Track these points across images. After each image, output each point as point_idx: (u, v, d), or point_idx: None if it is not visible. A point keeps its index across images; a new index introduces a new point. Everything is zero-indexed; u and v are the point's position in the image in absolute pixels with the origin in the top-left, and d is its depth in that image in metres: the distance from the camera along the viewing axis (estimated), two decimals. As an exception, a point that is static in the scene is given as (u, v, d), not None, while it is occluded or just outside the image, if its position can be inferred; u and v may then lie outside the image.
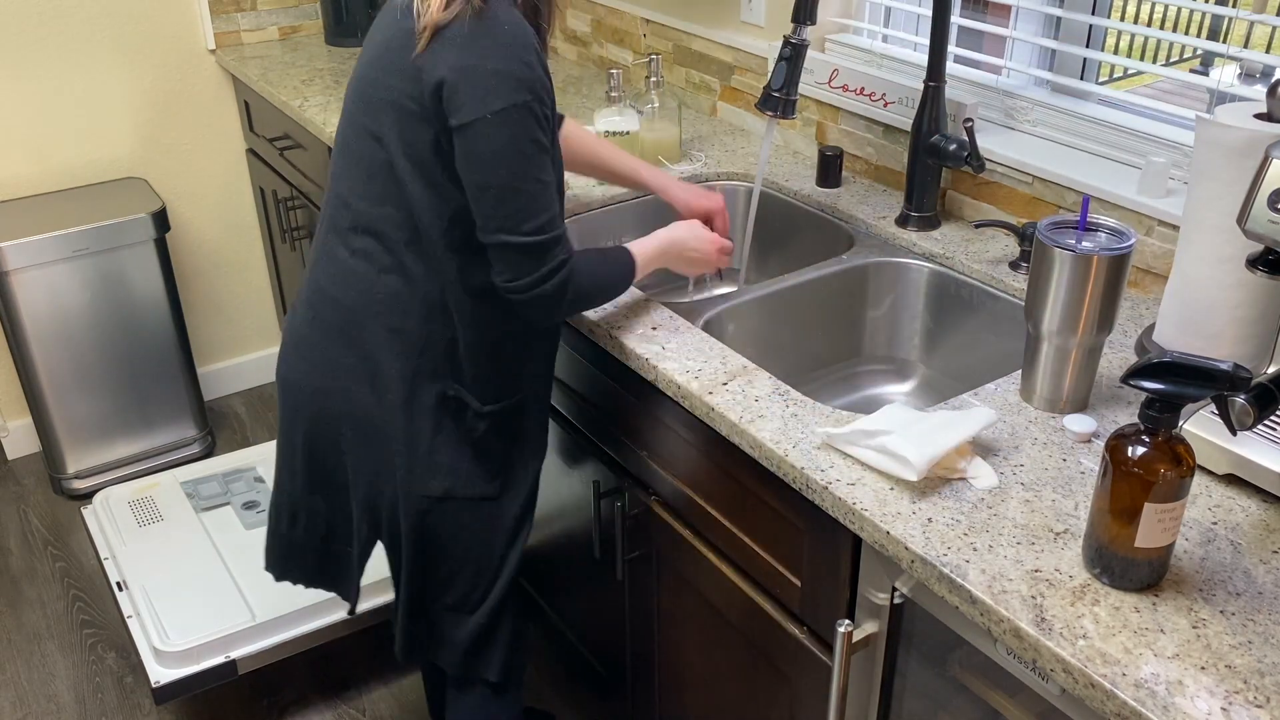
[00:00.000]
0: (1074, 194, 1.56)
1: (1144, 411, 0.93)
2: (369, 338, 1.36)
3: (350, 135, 1.34)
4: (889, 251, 1.68)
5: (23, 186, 2.66)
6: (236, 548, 2.15)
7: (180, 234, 2.88)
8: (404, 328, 1.34)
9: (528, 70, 1.22)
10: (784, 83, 1.56)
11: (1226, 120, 1.11)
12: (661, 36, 2.30)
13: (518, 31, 1.23)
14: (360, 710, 2.12)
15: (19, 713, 2.13)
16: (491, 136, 1.21)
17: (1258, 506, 1.08)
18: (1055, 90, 1.70)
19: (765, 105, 1.59)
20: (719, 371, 1.33)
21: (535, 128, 1.23)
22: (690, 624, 1.55)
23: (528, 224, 1.25)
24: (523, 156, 1.23)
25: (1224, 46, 1.42)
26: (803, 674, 1.32)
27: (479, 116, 1.21)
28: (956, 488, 1.11)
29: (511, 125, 1.21)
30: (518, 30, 1.23)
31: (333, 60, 2.67)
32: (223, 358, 3.09)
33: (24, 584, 2.46)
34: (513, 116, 1.21)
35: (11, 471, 2.84)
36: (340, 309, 1.37)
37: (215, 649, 1.91)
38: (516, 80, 1.21)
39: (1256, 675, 0.89)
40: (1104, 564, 0.98)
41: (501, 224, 1.25)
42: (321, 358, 1.40)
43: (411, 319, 1.34)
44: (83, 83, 2.63)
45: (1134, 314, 1.45)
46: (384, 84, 1.28)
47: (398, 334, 1.35)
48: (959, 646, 1.09)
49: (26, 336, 2.50)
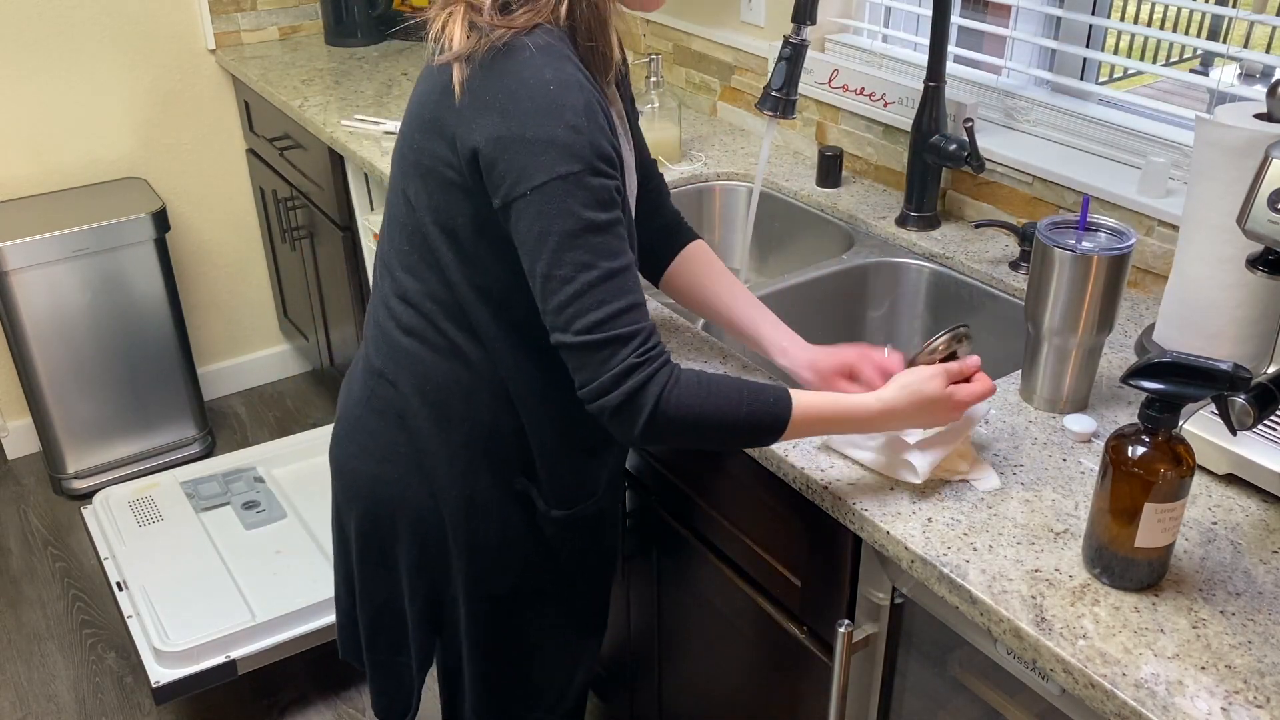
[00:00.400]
0: (1074, 194, 1.56)
1: (1144, 411, 0.93)
2: (424, 427, 1.20)
3: (392, 197, 1.19)
4: (889, 251, 1.68)
5: (23, 186, 2.66)
6: (236, 548, 2.15)
7: (180, 234, 2.88)
8: (464, 417, 1.19)
9: (573, 135, 1.01)
10: (784, 83, 1.54)
11: (1227, 120, 1.11)
12: (661, 36, 2.30)
13: (561, 80, 1.02)
14: (360, 710, 2.12)
15: (19, 713, 2.13)
16: (532, 217, 1.02)
17: (1258, 506, 1.08)
18: (1055, 90, 1.70)
19: (765, 105, 1.57)
20: (719, 371, 1.33)
21: (588, 203, 1.02)
22: (690, 624, 1.55)
23: (581, 320, 1.02)
24: (569, 239, 1.01)
25: (1224, 46, 1.42)
26: (803, 674, 1.32)
27: (519, 195, 1.02)
28: (956, 488, 1.11)
29: (554, 202, 1.01)
30: (561, 79, 1.02)
31: (333, 60, 2.67)
32: (223, 358, 3.09)
33: (24, 584, 2.46)
34: (556, 192, 1.01)
35: (11, 471, 2.84)
36: (396, 392, 1.21)
37: (215, 649, 1.91)
38: (560, 148, 1.00)
39: (1256, 675, 0.89)
40: (1104, 564, 0.98)
41: (554, 320, 1.04)
42: (377, 443, 1.24)
43: (471, 408, 1.18)
44: (83, 82, 2.63)
45: (1134, 314, 1.45)
46: (416, 144, 1.11)
47: (458, 424, 1.19)
48: (959, 646, 1.09)
49: (26, 336, 2.50)
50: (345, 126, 2.21)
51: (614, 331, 1.03)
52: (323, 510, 2.25)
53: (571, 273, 1.02)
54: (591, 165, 1.02)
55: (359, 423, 1.26)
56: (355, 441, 1.27)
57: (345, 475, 1.30)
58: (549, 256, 1.02)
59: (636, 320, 1.04)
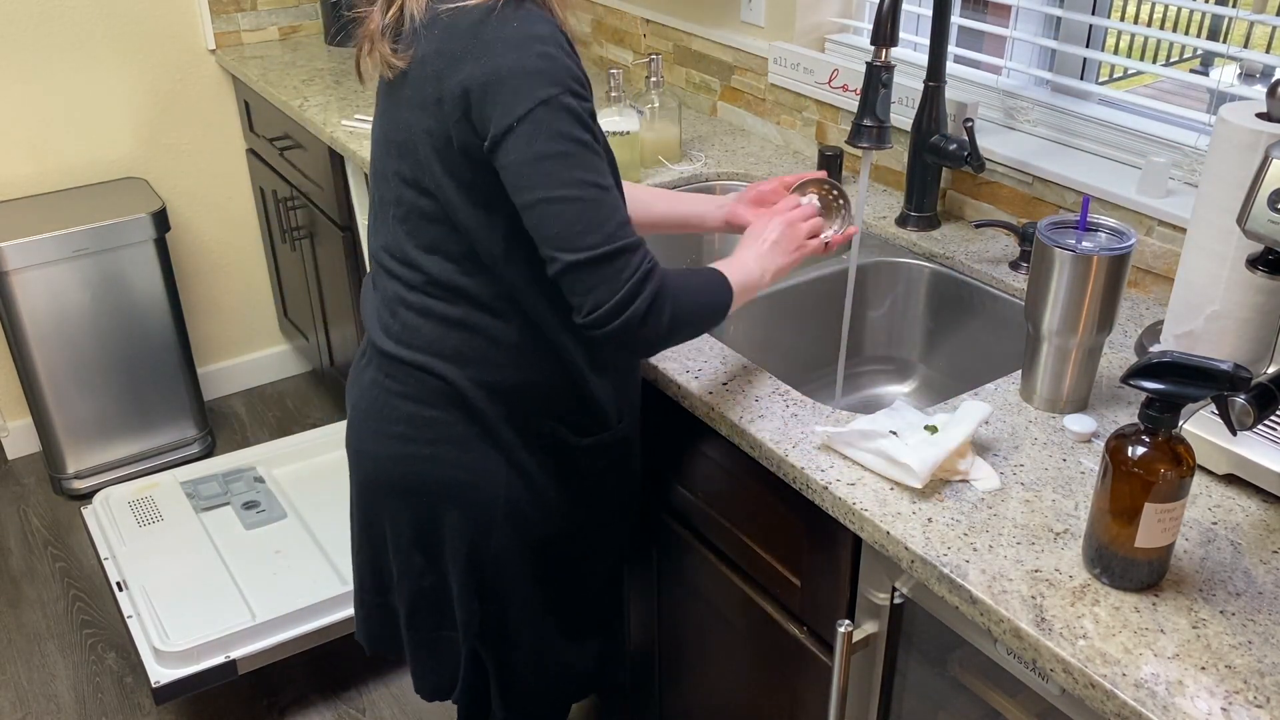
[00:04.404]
0: (1074, 194, 1.56)
1: (1144, 411, 0.93)
2: (451, 394, 1.23)
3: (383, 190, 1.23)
4: (889, 251, 1.68)
5: (23, 186, 2.66)
6: (236, 548, 2.15)
7: (180, 234, 2.88)
8: (485, 379, 1.22)
9: (546, 61, 1.06)
10: (875, 111, 1.44)
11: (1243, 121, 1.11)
12: (661, 36, 2.30)
13: (524, 17, 1.08)
14: (360, 710, 2.12)
15: (19, 713, 2.13)
16: (522, 147, 1.05)
17: (1258, 506, 1.08)
18: (1055, 90, 1.70)
19: (860, 139, 1.45)
20: (719, 371, 1.33)
21: (573, 124, 1.05)
22: (690, 624, 1.55)
23: (590, 236, 1.05)
24: (564, 159, 1.05)
25: (1224, 46, 1.42)
26: (803, 674, 1.32)
27: (506, 129, 1.05)
28: (957, 488, 1.11)
29: (541, 127, 1.04)
30: (524, 16, 1.08)
31: (333, 60, 2.67)
32: (223, 358, 3.09)
33: (24, 584, 2.46)
34: (541, 118, 1.04)
35: (11, 471, 2.84)
36: (412, 369, 1.23)
37: (215, 649, 1.91)
38: (535, 75, 1.05)
39: (1256, 675, 0.89)
40: (1104, 564, 0.98)
41: (559, 243, 1.05)
42: (396, 422, 1.26)
43: (490, 367, 1.21)
44: (83, 83, 2.63)
45: (1134, 314, 1.45)
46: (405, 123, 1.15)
47: (481, 386, 1.22)
48: (959, 646, 1.09)
49: (26, 336, 2.50)
50: (345, 126, 2.21)
51: (622, 241, 1.06)
52: (323, 510, 2.25)
53: (572, 192, 1.05)
54: (568, 88, 1.06)
55: (374, 407, 1.28)
56: (372, 426, 1.29)
57: (368, 460, 1.31)
58: (546, 180, 1.05)
59: (633, 231, 1.08)
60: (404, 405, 1.26)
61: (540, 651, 1.41)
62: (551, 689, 1.46)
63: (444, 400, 1.24)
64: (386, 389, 1.27)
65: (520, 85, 1.04)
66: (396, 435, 1.27)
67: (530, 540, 1.32)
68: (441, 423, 1.25)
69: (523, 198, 1.07)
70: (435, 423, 1.25)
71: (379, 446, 1.29)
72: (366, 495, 1.35)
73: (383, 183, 1.22)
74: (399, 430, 1.27)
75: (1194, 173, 1.48)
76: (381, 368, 1.27)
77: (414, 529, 1.32)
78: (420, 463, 1.27)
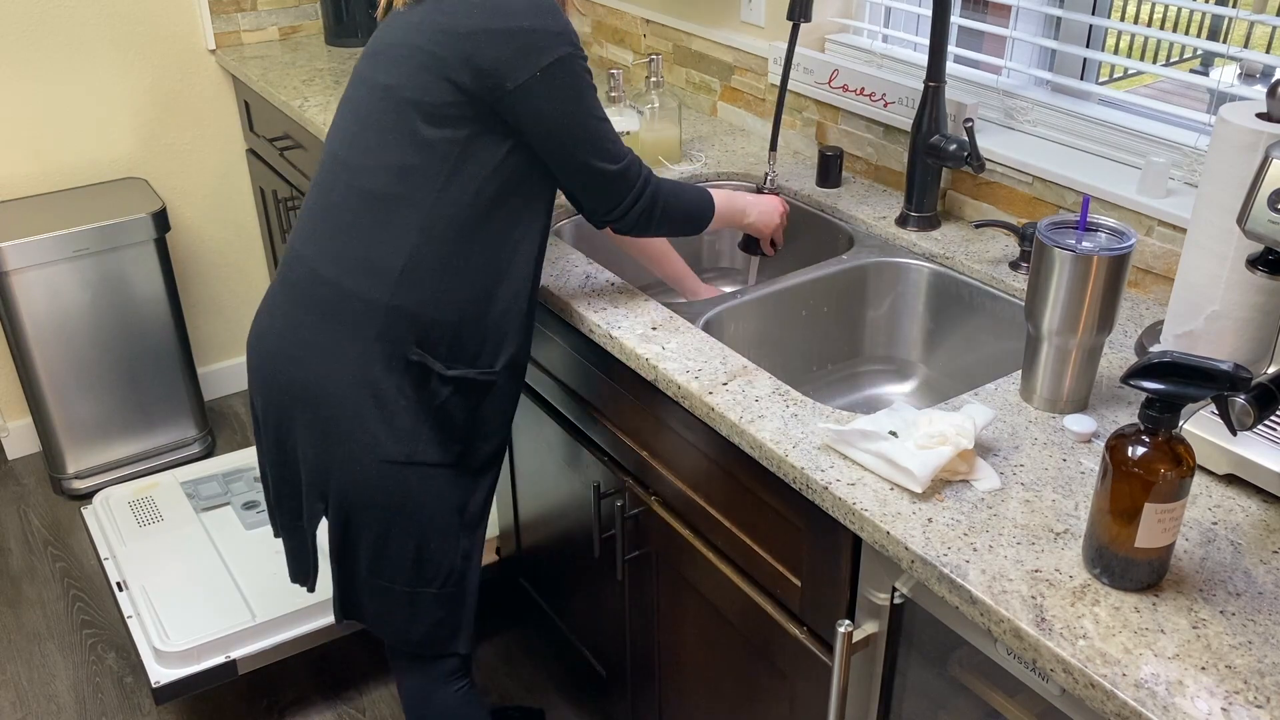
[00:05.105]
0: (1074, 194, 1.56)
1: (1144, 411, 0.93)
2: (328, 298, 1.36)
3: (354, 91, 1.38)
4: (889, 251, 1.68)
5: (23, 186, 2.66)
6: (236, 548, 2.15)
7: (180, 234, 2.88)
8: (371, 286, 1.34)
9: (560, 24, 1.29)
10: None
11: (1243, 121, 1.11)
12: (661, 36, 2.30)
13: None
14: (360, 710, 2.12)
15: (19, 713, 2.13)
16: (548, 92, 1.28)
17: (1258, 506, 1.08)
18: (1055, 90, 1.70)
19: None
20: (719, 371, 1.33)
21: (585, 73, 1.32)
22: (690, 624, 1.55)
23: (615, 149, 1.36)
24: (583, 101, 1.31)
25: (1224, 46, 1.42)
26: (803, 674, 1.32)
27: (530, 76, 1.26)
28: (957, 488, 1.11)
29: (564, 75, 1.28)
30: None
31: (333, 60, 2.67)
32: (223, 358, 3.09)
33: (24, 584, 2.46)
34: (564, 69, 1.28)
35: (11, 471, 2.84)
36: (313, 276, 1.37)
37: (215, 649, 1.91)
38: (554, 34, 1.28)
39: (1256, 675, 0.89)
40: (1104, 564, 0.98)
41: (605, 155, 1.35)
42: (285, 325, 1.40)
43: (381, 278, 1.33)
44: (83, 83, 2.63)
45: (1134, 314, 1.45)
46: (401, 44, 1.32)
47: (366, 293, 1.34)
48: (959, 646, 1.09)
49: (26, 336, 2.50)
50: (345, 126, 2.20)
51: (631, 155, 1.39)
52: (323, 510, 2.25)
53: (598, 124, 1.34)
54: (579, 47, 1.31)
55: (273, 307, 1.42)
56: (268, 326, 1.42)
57: (252, 353, 1.45)
58: (569, 118, 1.31)
59: (627, 148, 1.40)
60: (296, 311, 1.39)
61: (374, 571, 1.46)
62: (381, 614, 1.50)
63: (325, 306, 1.36)
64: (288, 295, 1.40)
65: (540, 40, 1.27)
66: (283, 334, 1.40)
67: (373, 458, 1.38)
68: (317, 326, 1.37)
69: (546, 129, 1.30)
70: (313, 326, 1.37)
71: (269, 343, 1.42)
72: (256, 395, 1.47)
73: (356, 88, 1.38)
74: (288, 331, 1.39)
75: (1194, 173, 1.48)
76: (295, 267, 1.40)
77: (276, 426, 1.43)
78: (292, 363, 1.39)
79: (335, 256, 1.36)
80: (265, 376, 1.43)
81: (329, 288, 1.36)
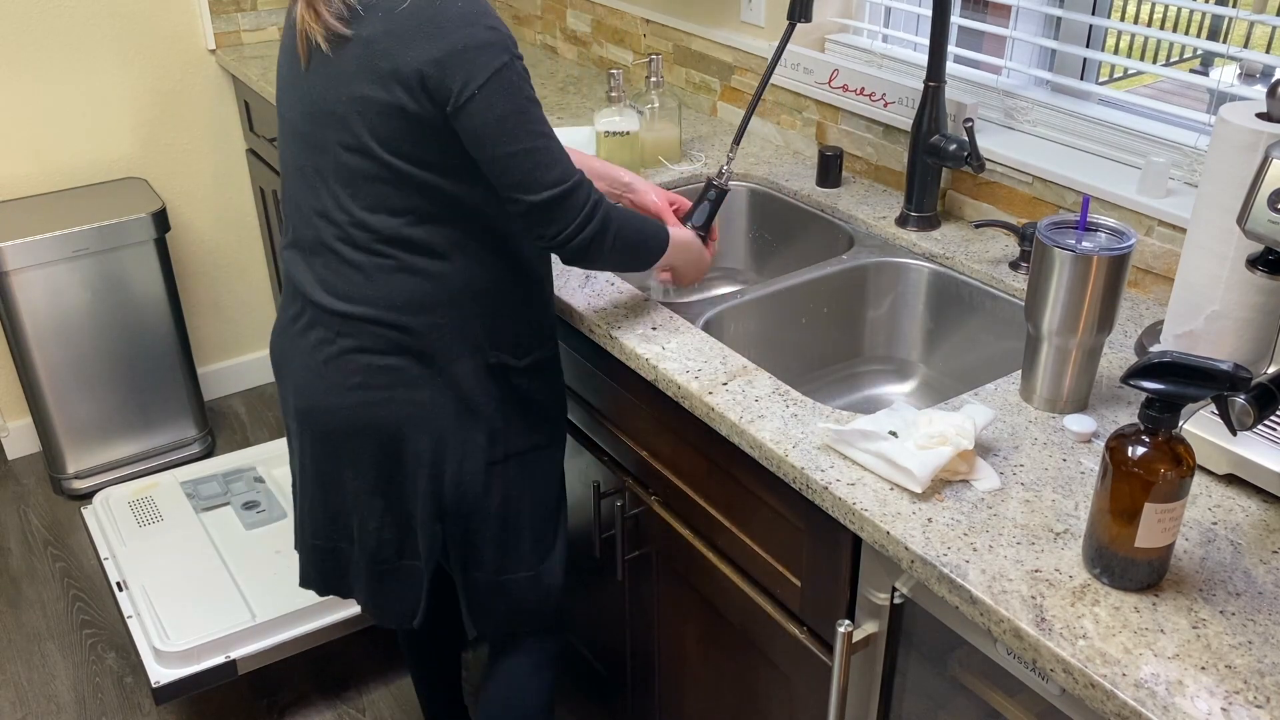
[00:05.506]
0: (1074, 194, 1.57)
1: (1144, 411, 0.93)
2: (402, 341, 1.34)
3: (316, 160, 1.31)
4: (889, 251, 1.68)
5: (23, 186, 2.66)
6: (236, 548, 2.15)
7: (180, 234, 2.88)
8: (435, 322, 1.33)
9: (493, 33, 1.22)
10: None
11: (1243, 121, 1.11)
12: (661, 36, 2.30)
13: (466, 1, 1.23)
14: (360, 710, 2.12)
15: (19, 713, 2.13)
16: (485, 111, 1.22)
17: (1258, 506, 1.08)
18: (1055, 90, 1.70)
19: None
20: (719, 371, 1.33)
21: (523, 84, 1.24)
22: (690, 624, 1.55)
23: (546, 177, 1.26)
24: (522, 116, 1.24)
25: (1224, 46, 1.42)
26: (803, 674, 1.32)
27: (469, 97, 1.21)
28: (957, 488, 1.11)
29: (500, 92, 1.22)
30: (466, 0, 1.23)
31: (333, 60, 2.67)
32: (223, 358, 3.09)
33: (24, 584, 2.46)
34: (499, 84, 1.22)
35: (11, 471, 2.84)
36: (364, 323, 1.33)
37: (215, 649, 1.91)
38: (488, 46, 1.21)
39: (1256, 675, 0.89)
40: (1104, 564, 0.98)
41: (527, 184, 1.25)
42: (359, 372, 1.36)
43: (439, 310, 1.33)
44: (83, 83, 2.63)
45: (1134, 314, 1.45)
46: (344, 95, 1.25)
47: (431, 330, 1.34)
48: (959, 646, 1.09)
49: (26, 336, 2.50)
50: (345, 126, 2.20)
51: (574, 178, 1.28)
52: (323, 510, 2.25)
53: (532, 143, 1.24)
54: (515, 53, 1.24)
55: (326, 365, 1.37)
56: (325, 383, 1.38)
57: (322, 415, 1.40)
58: (510, 136, 1.23)
59: (577, 170, 1.29)
60: (359, 358, 1.35)
61: (501, 568, 1.49)
62: (514, 605, 1.53)
63: (396, 348, 1.34)
64: (339, 346, 1.36)
65: (477, 58, 1.21)
66: (354, 386, 1.36)
67: (481, 463, 1.41)
68: (395, 369, 1.35)
69: (488, 152, 1.24)
70: (389, 369, 1.35)
71: (336, 399, 1.38)
72: (324, 448, 1.43)
73: (316, 153, 1.31)
74: (356, 380, 1.36)
75: (1194, 173, 1.48)
76: (330, 326, 1.36)
77: (375, 468, 1.41)
78: (377, 406, 1.37)
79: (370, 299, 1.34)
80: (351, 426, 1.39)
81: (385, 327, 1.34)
